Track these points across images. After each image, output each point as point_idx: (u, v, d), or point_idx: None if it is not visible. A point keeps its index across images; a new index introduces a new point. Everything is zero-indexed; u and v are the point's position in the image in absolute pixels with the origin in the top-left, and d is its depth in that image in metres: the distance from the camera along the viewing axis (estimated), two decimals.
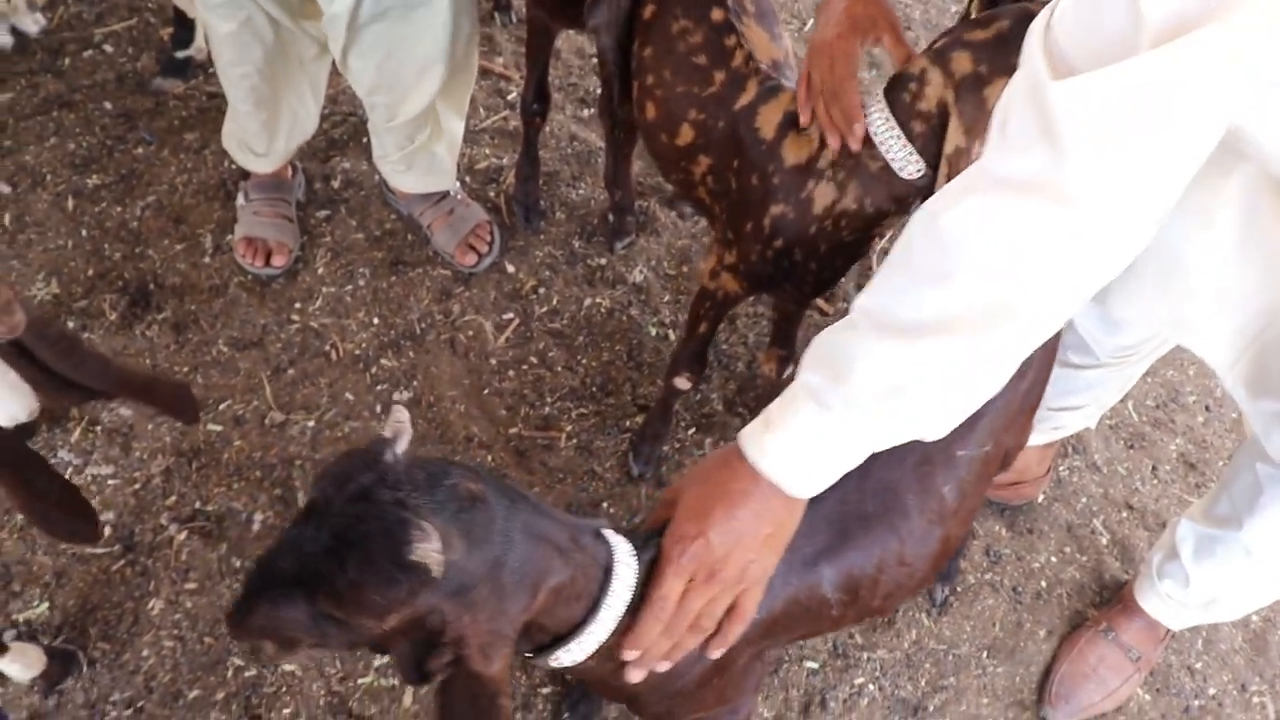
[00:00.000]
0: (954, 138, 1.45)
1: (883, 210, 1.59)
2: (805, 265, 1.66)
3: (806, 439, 1.07)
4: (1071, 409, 2.02)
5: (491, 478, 0.97)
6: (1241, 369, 1.56)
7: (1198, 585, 1.85)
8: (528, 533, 0.96)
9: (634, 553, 1.09)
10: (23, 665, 1.79)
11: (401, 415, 0.92)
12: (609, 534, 1.09)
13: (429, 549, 0.84)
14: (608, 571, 1.06)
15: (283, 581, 0.87)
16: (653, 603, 1.09)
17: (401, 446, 0.91)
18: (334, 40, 2.02)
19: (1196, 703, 2.05)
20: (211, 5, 2.03)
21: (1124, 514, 2.27)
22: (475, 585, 0.90)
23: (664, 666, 1.14)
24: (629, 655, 1.10)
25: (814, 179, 1.58)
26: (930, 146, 1.49)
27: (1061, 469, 2.30)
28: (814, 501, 1.13)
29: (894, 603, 1.34)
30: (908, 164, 1.51)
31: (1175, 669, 2.08)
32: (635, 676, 1.12)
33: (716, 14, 1.70)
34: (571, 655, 1.07)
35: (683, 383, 2.02)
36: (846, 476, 1.12)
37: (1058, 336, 1.38)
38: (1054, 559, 2.18)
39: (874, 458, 1.11)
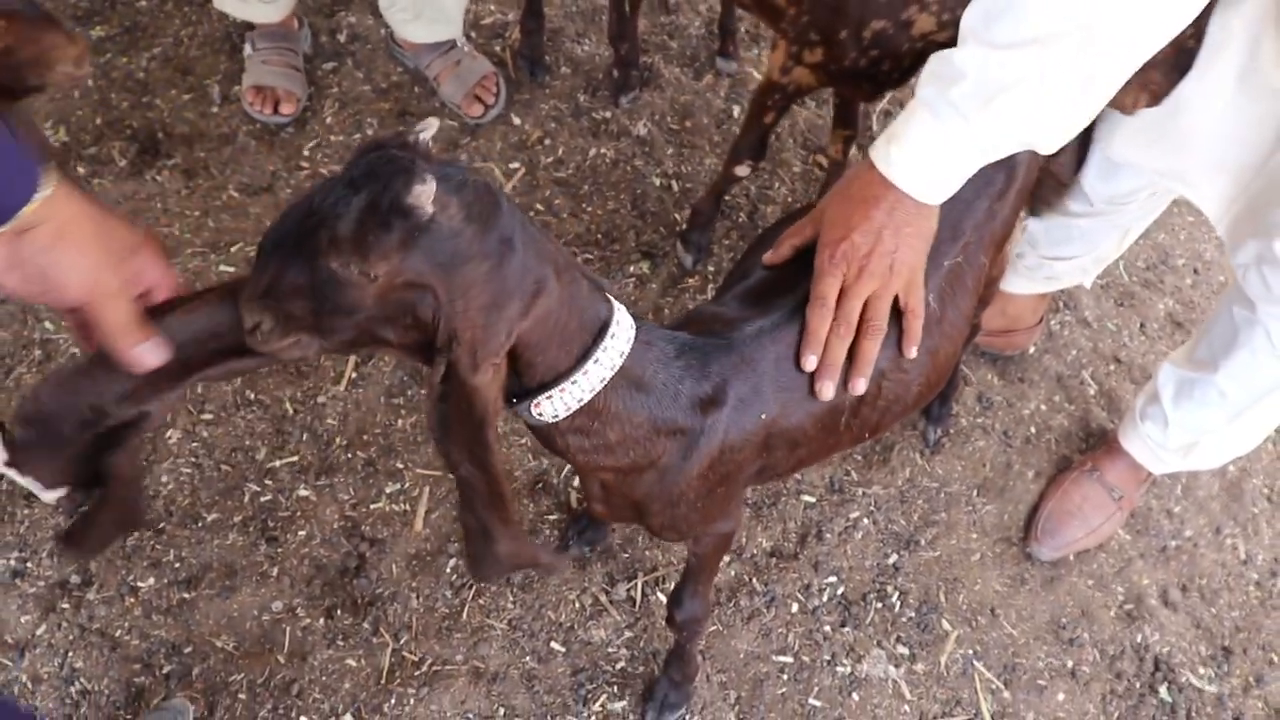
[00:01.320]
0: None
1: None
2: (890, 74, 1.73)
3: (924, 146, 1.19)
4: (1065, 259, 2.07)
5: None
6: (1232, 217, 1.62)
7: (1176, 428, 1.93)
8: (529, 243, 0.96)
9: (634, 327, 1.10)
10: None
11: (432, 121, 0.96)
12: (614, 301, 1.10)
13: (424, 191, 0.86)
14: (603, 329, 1.07)
15: (292, 240, 0.89)
16: (813, 301, 1.22)
17: (426, 136, 0.93)
18: None
19: (1173, 543, 2.13)
20: None
21: (1112, 367, 2.34)
22: (468, 263, 0.91)
23: (858, 383, 1.24)
24: (809, 361, 1.22)
25: (918, 6, 1.60)
26: None
27: (1053, 323, 2.36)
28: None
29: (890, 420, 1.40)
30: None
31: (1155, 512, 2.16)
32: (827, 392, 1.22)
33: None
34: (553, 406, 1.07)
35: (743, 169, 2.08)
36: None
37: (1021, 186, 1.44)
38: (1043, 407, 2.25)
39: None
